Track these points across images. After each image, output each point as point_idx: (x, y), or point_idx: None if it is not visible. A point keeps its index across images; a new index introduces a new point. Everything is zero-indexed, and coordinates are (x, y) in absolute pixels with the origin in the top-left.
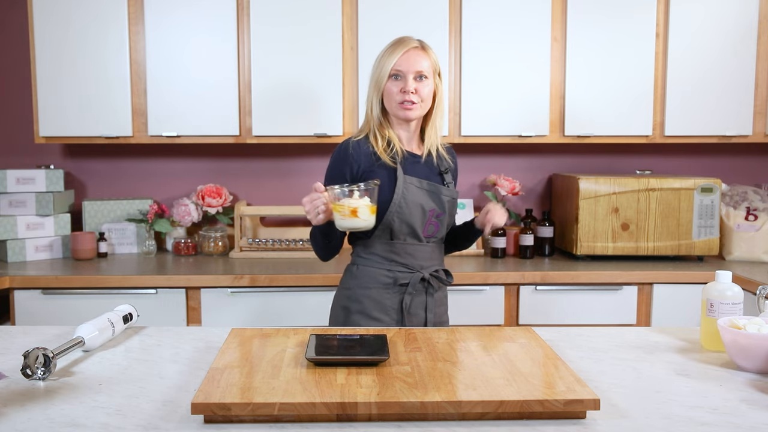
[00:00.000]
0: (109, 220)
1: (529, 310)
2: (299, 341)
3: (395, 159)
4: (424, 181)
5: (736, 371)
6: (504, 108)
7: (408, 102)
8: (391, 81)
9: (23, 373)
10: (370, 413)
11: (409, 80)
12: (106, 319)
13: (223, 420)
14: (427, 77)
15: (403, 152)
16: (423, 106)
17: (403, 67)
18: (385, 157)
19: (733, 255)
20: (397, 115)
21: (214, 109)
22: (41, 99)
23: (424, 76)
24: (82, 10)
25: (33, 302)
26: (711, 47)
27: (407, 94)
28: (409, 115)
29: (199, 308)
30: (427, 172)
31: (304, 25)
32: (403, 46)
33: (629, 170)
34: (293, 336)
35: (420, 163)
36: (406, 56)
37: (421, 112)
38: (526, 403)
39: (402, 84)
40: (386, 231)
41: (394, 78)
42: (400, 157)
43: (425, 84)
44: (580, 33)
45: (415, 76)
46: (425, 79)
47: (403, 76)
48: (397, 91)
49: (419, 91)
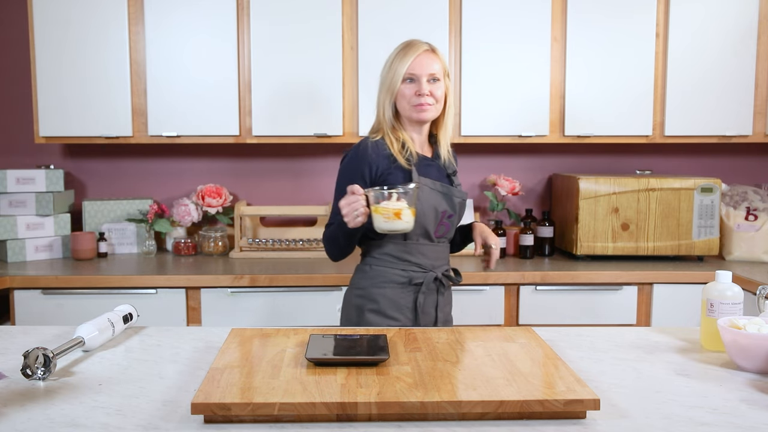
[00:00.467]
0: (109, 220)
1: (529, 310)
2: (299, 341)
3: (410, 161)
4: (437, 182)
5: (736, 371)
6: (504, 108)
7: (424, 104)
8: (405, 84)
9: (23, 373)
10: (370, 413)
11: (423, 83)
12: (106, 319)
13: (223, 420)
14: (440, 79)
15: (416, 154)
16: (437, 107)
17: (417, 70)
18: (401, 159)
19: (733, 255)
20: (411, 117)
21: (214, 109)
22: (41, 99)
23: (437, 78)
24: (82, 10)
25: (33, 302)
26: (711, 47)
27: (422, 96)
28: (424, 117)
29: (199, 308)
30: (438, 173)
31: (304, 25)
32: (415, 49)
33: (629, 170)
34: (293, 336)
35: (432, 165)
36: (419, 60)
37: (435, 113)
38: (526, 403)
39: (416, 87)
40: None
41: (408, 81)
42: (414, 159)
43: (438, 86)
44: (580, 33)
45: (429, 79)
46: (438, 81)
47: (417, 79)
48: (411, 94)
49: (433, 93)
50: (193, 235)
